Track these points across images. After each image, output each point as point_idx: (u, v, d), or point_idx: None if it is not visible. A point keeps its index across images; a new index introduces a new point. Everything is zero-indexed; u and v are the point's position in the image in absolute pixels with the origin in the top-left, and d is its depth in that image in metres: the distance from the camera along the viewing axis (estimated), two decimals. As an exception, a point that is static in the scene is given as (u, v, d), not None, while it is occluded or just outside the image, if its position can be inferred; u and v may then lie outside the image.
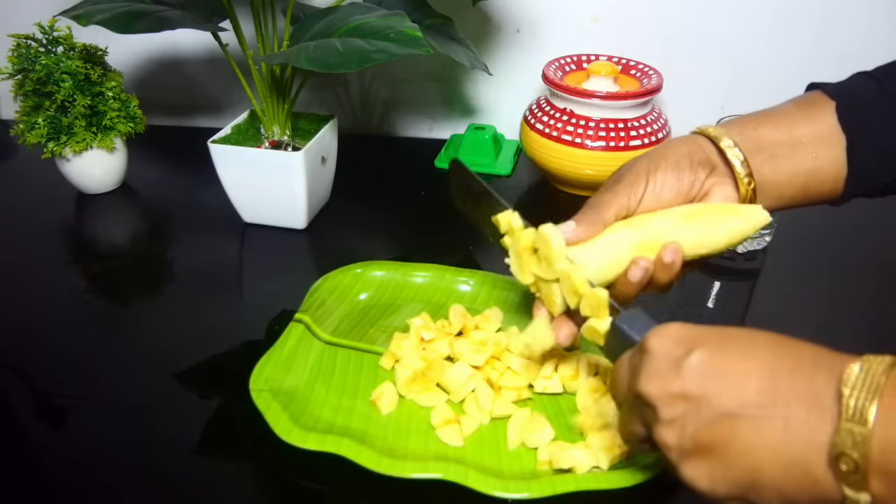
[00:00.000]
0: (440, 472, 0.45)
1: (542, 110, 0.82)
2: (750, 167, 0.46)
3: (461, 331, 0.58)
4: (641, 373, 0.37)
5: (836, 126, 0.46)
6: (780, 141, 0.46)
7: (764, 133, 0.47)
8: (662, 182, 0.46)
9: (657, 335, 0.37)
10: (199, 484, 0.48)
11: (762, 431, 0.32)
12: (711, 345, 0.35)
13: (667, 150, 0.47)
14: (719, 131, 0.47)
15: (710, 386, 0.34)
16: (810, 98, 0.48)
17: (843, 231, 0.76)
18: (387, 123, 1.03)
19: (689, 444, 0.34)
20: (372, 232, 0.78)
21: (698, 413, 0.34)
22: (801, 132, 0.46)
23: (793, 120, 0.47)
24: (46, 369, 0.58)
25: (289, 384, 0.53)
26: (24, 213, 0.82)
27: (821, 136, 0.46)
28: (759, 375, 0.33)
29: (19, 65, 0.75)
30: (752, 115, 0.49)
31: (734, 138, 0.47)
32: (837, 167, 0.46)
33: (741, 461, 0.33)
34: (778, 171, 0.47)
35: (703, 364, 0.34)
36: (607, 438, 0.48)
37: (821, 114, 0.46)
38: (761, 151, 0.46)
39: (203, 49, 0.99)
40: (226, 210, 0.76)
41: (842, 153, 0.46)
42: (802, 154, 0.46)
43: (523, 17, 0.92)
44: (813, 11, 0.86)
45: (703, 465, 0.34)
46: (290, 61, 0.59)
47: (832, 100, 0.47)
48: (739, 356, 0.34)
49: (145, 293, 0.69)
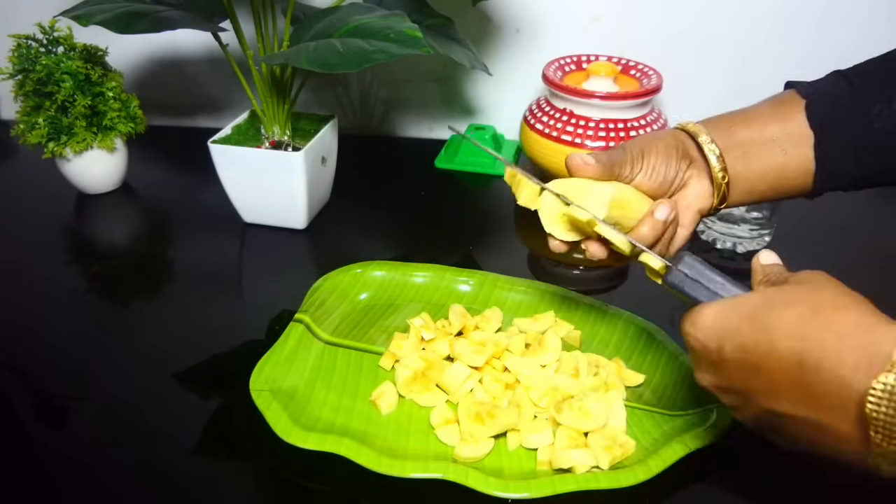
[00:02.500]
0: (440, 472, 0.45)
1: (541, 110, 0.82)
2: (725, 162, 0.48)
3: (461, 331, 0.58)
4: (692, 362, 0.41)
5: (805, 124, 0.48)
6: (751, 139, 0.48)
7: (737, 131, 0.49)
8: (654, 168, 0.48)
9: (691, 326, 0.40)
10: (199, 484, 0.48)
11: (802, 429, 0.35)
12: (739, 342, 0.37)
13: (657, 139, 0.49)
14: (698, 128, 0.49)
15: (749, 384, 0.37)
16: (783, 97, 0.50)
17: (843, 231, 0.76)
18: (387, 123, 1.03)
19: (751, 422, 0.40)
20: (372, 232, 0.78)
21: (749, 404, 0.38)
22: (772, 130, 0.48)
23: (765, 119, 0.49)
24: (47, 369, 0.58)
25: (289, 384, 0.53)
26: (25, 213, 0.82)
27: (790, 133, 0.48)
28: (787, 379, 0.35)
29: (20, 65, 0.75)
30: (727, 115, 0.51)
31: (711, 135, 0.49)
32: (805, 163, 0.48)
33: (796, 440, 0.37)
34: (750, 167, 0.49)
35: (736, 363, 0.37)
36: (607, 438, 0.48)
37: (791, 112, 0.48)
38: (735, 149, 0.49)
39: (203, 49, 0.99)
40: (226, 210, 0.76)
41: (809, 150, 0.48)
42: (772, 151, 0.48)
43: (523, 18, 0.92)
44: (813, 11, 0.86)
45: (769, 434, 0.39)
46: (290, 61, 0.59)
47: (803, 98, 0.48)
48: (764, 355, 0.36)
49: (145, 293, 0.69)
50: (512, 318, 0.60)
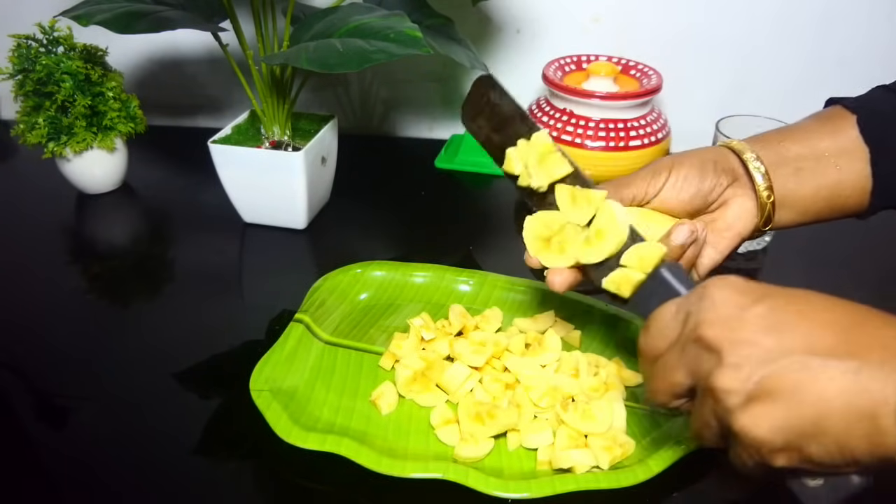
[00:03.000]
0: (440, 472, 0.45)
1: (541, 110, 0.82)
2: (771, 181, 0.47)
3: (461, 331, 0.58)
4: (703, 317, 0.36)
5: (858, 139, 0.46)
6: (803, 154, 0.47)
7: (787, 147, 0.47)
8: (685, 178, 0.47)
9: (720, 284, 0.36)
10: (199, 484, 0.48)
11: (833, 380, 0.32)
12: (778, 297, 0.35)
13: (693, 154, 0.48)
14: (743, 145, 0.48)
15: (779, 333, 0.34)
16: (830, 112, 0.49)
17: (843, 231, 0.76)
18: (387, 123, 1.03)
19: (753, 387, 0.33)
20: (372, 232, 0.78)
21: (768, 358, 0.33)
22: (824, 146, 0.47)
23: (815, 134, 0.48)
24: (47, 369, 0.58)
25: (289, 384, 0.53)
26: (24, 213, 0.82)
27: (844, 149, 0.47)
28: (830, 326, 0.33)
29: (20, 65, 0.75)
30: (775, 131, 0.49)
31: (758, 152, 0.47)
32: (862, 179, 0.47)
33: (807, 409, 0.32)
34: (803, 184, 0.47)
35: (771, 313, 0.34)
36: (607, 438, 0.48)
37: (842, 127, 0.47)
38: (786, 165, 0.47)
39: (203, 49, 0.99)
40: (226, 210, 0.76)
41: (865, 165, 0.46)
42: (826, 167, 0.47)
43: (523, 18, 0.92)
44: (813, 11, 0.85)
45: (765, 412, 0.33)
46: (290, 61, 0.59)
47: (853, 113, 0.47)
48: (809, 308, 0.34)
49: (145, 293, 0.69)
50: (512, 318, 0.60)
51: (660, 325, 0.39)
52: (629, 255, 0.42)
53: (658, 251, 0.42)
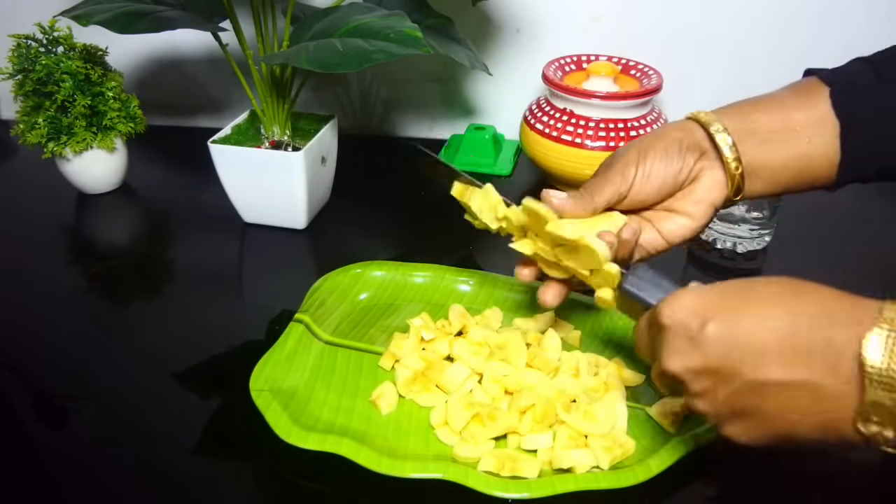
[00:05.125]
0: (440, 472, 0.45)
1: (542, 110, 0.82)
2: (738, 152, 0.47)
3: (461, 331, 0.58)
4: (662, 350, 0.39)
5: (830, 112, 0.46)
6: (773, 126, 0.47)
7: (757, 118, 0.48)
8: (650, 170, 0.47)
9: (669, 308, 0.38)
10: (199, 484, 0.48)
11: (791, 399, 0.34)
12: (725, 314, 0.36)
13: (656, 137, 0.48)
14: (710, 116, 0.48)
15: (730, 357, 0.35)
16: (805, 84, 0.49)
17: (843, 231, 0.76)
18: (387, 123, 1.03)
19: (723, 410, 0.37)
20: (372, 232, 0.78)
21: (726, 384, 0.36)
22: (796, 118, 0.47)
23: (787, 105, 0.48)
24: (46, 369, 0.58)
25: (289, 384, 0.53)
26: (24, 213, 0.82)
27: (815, 121, 0.47)
28: (778, 342, 0.34)
29: (19, 65, 0.75)
30: (746, 101, 0.49)
31: (725, 123, 0.47)
32: (831, 152, 0.47)
33: (775, 423, 0.35)
34: (771, 155, 0.47)
35: (719, 338, 0.36)
36: (608, 438, 0.48)
37: (815, 99, 0.47)
38: (754, 136, 0.47)
39: (203, 49, 0.99)
40: (226, 210, 0.76)
41: (835, 139, 0.46)
42: (796, 139, 0.47)
43: (523, 17, 0.92)
44: (812, 10, 0.85)
45: (741, 426, 0.37)
46: (290, 61, 0.59)
47: (827, 85, 0.47)
48: (754, 322, 0.35)
49: (145, 293, 0.69)
50: (512, 318, 0.60)
51: (640, 342, 0.43)
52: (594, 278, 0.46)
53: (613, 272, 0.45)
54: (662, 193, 0.48)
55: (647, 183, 0.47)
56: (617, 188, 0.47)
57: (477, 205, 0.52)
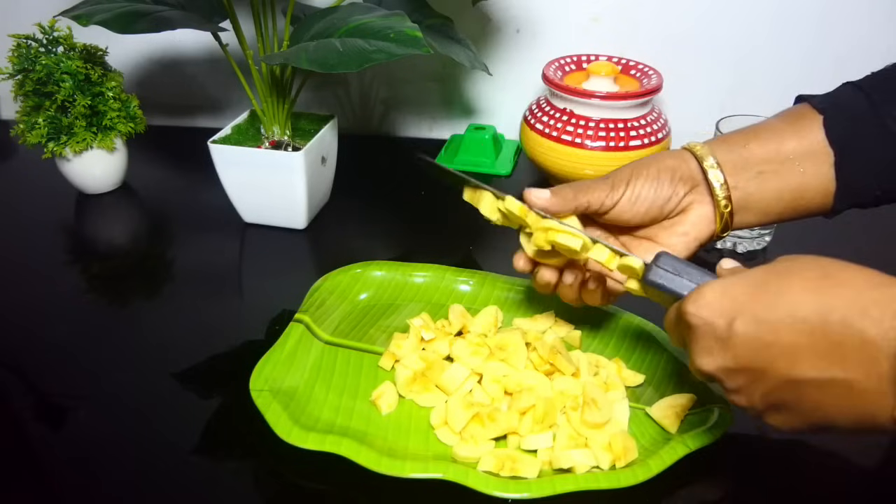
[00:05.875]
0: (440, 472, 0.45)
1: (541, 110, 0.82)
2: (729, 189, 0.47)
3: (461, 331, 0.58)
4: (692, 349, 0.39)
5: (823, 141, 0.46)
6: (767, 158, 0.47)
7: (752, 150, 0.47)
8: (640, 191, 0.47)
9: (694, 306, 0.38)
10: (199, 484, 0.48)
11: (826, 395, 0.34)
12: (751, 312, 0.36)
13: (652, 162, 0.48)
14: (704, 150, 0.48)
15: (762, 356, 0.35)
16: (798, 111, 0.48)
17: (843, 231, 0.76)
18: (387, 123, 1.03)
19: (760, 404, 0.37)
20: (372, 232, 0.78)
21: (761, 381, 0.36)
22: (789, 148, 0.46)
23: (781, 135, 0.47)
24: (46, 369, 0.58)
25: (289, 384, 0.53)
26: (24, 213, 0.82)
27: (808, 151, 0.46)
28: (810, 341, 0.34)
29: (19, 65, 0.75)
30: (741, 131, 0.49)
31: (719, 157, 0.47)
32: (825, 182, 0.46)
33: (813, 415, 0.35)
34: (764, 188, 0.47)
35: (748, 337, 0.36)
36: (607, 438, 0.48)
37: (808, 128, 0.46)
38: (748, 169, 0.47)
39: (203, 49, 0.99)
40: (226, 210, 0.76)
41: (829, 168, 0.46)
42: (790, 170, 0.47)
43: (523, 17, 0.92)
44: (813, 11, 0.85)
45: (780, 417, 0.37)
46: (290, 61, 0.59)
47: (820, 114, 0.46)
48: (784, 320, 0.35)
49: (145, 293, 0.69)
50: (512, 318, 0.60)
51: (669, 330, 0.43)
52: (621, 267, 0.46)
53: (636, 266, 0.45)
54: (647, 218, 0.48)
55: (635, 204, 0.47)
56: (601, 196, 0.47)
57: (486, 208, 0.51)
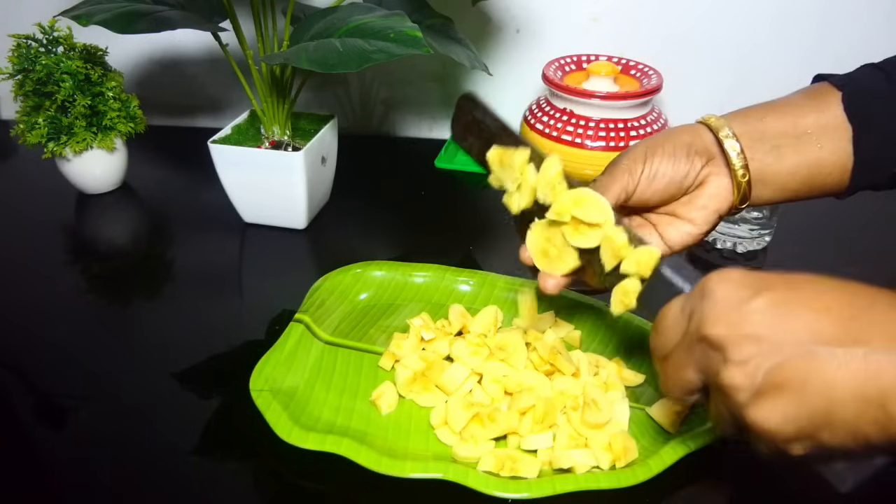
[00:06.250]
0: (440, 472, 0.45)
1: (541, 110, 0.82)
2: (746, 159, 0.46)
3: (461, 331, 0.58)
4: (706, 316, 0.36)
5: (842, 116, 0.46)
6: (784, 131, 0.46)
7: (769, 123, 0.47)
8: (657, 169, 0.47)
9: (720, 278, 0.36)
10: (199, 484, 0.48)
11: (840, 368, 0.32)
12: (779, 288, 0.35)
13: (665, 138, 0.48)
14: (720, 121, 0.47)
15: (782, 325, 0.33)
16: (817, 89, 0.48)
17: (844, 231, 0.76)
18: (387, 123, 1.03)
19: (761, 382, 0.34)
20: (372, 232, 0.78)
21: (773, 352, 0.33)
22: (807, 122, 0.46)
23: (799, 110, 0.47)
24: (46, 369, 0.58)
25: (289, 384, 0.53)
26: (24, 213, 0.82)
27: (827, 126, 0.46)
28: (834, 313, 0.33)
29: (19, 65, 0.75)
30: (758, 106, 0.49)
31: (735, 129, 0.47)
32: (843, 158, 0.46)
33: (817, 398, 0.32)
34: (782, 161, 0.46)
35: (773, 305, 0.34)
36: (607, 438, 0.48)
37: (827, 104, 0.46)
38: (764, 142, 0.46)
39: (203, 49, 0.99)
40: (226, 210, 0.76)
41: (847, 144, 0.46)
42: (807, 145, 0.46)
43: (523, 17, 0.92)
44: (813, 11, 0.86)
45: (776, 404, 0.33)
46: (290, 61, 0.59)
47: (839, 90, 0.46)
48: (811, 296, 0.34)
49: (145, 293, 0.69)
50: (512, 318, 0.60)
51: (666, 324, 0.40)
52: (628, 263, 0.43)
53: (654, 255, 0.42)
54: (667, 195, 0.48)
55: (653, 182, 0.47)
56: (624, 186, 0.47)
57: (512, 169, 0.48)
